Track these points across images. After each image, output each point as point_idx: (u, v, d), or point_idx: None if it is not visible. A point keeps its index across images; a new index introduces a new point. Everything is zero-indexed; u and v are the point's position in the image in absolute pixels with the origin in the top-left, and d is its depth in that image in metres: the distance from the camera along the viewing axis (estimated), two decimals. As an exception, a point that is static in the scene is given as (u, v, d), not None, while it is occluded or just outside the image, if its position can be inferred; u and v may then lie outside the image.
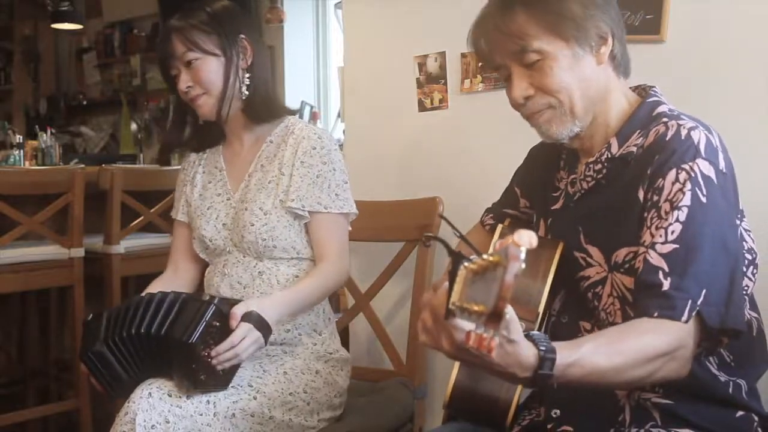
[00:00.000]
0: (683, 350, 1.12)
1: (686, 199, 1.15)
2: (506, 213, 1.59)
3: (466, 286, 0.84)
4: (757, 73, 1.77)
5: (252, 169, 1.80)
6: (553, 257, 1.33)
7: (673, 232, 1.15)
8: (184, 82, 1.74)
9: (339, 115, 4.18)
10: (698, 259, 1.13)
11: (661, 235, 1.15)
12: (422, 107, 2.33)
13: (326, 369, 1.76)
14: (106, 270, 2.80)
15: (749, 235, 1.26)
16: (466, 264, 0.84)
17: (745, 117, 1.77)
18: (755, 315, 1.28)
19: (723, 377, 1.22)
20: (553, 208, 1.40)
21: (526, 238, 0.79)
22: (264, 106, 1.79)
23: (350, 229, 1.82)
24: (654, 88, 1.34)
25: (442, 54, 2.26)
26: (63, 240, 2.63)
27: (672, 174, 1.17)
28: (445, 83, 2.27)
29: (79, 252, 2.65)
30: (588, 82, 1.27)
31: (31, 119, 6.07)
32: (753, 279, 1.26)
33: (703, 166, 1.17)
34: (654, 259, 1.15)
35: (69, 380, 2.91)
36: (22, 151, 4.02)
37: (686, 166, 1.17)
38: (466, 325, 0.86)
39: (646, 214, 1.20)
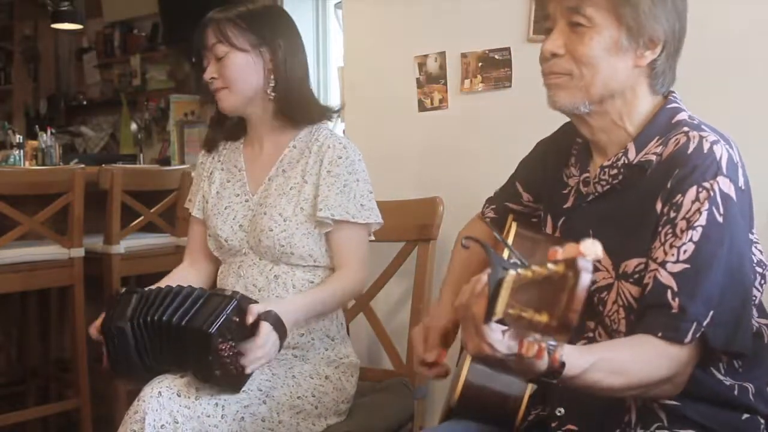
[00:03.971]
0: (680, 377, 1.15)
1: (702, 219, 1.14)
2: (509, 207, 1.54)
3: (513, 294, 0.84)
4: (757, 73, 1.77)
5: (273, 173, 1.79)
6: None
7: (685, 252, 1.14)
8: (209, 73, 1.74)
9: (339, 115, 4.16)
10: (708, 280, 1.13)
11: (673, 254, 1.15)
12: (422, 107, 2.33)
13: (336, 374, 1.76)
14: (106, 270, 2.80)
15: (756, 248, 1.25)
16: (519, 271, 0.83)
17: (746, 117, 1.77)
18: (765, 322, 1.27)
19: (728, 381, 1.22)
20: (565, 207, 1.37)
21: (593, 249, 0.78)
22: (293, 110, 1.77)
23: (372, 239, 1.81)
24: (673, 93, 1.30)
25: (442, 54, 2.26)
26: (63, 240, 2.64)
27: (692, 192, 1.16)
28: (445, 83, 2.27)
29: (79, 252, 2.66)
30: (616, 74, 1.22)
31: (31, 119, 6.04)
32: (761, 290, 1.24)
33: (723, 184, 1.15)
34: (664, 278, 1.15)
35: (69, 380, 2.92)
36: (22, 151, 4.01)
37: (707, 184, 1.15)
38: (516, 332, 0.89)
39: (660, 229, 1.18)
